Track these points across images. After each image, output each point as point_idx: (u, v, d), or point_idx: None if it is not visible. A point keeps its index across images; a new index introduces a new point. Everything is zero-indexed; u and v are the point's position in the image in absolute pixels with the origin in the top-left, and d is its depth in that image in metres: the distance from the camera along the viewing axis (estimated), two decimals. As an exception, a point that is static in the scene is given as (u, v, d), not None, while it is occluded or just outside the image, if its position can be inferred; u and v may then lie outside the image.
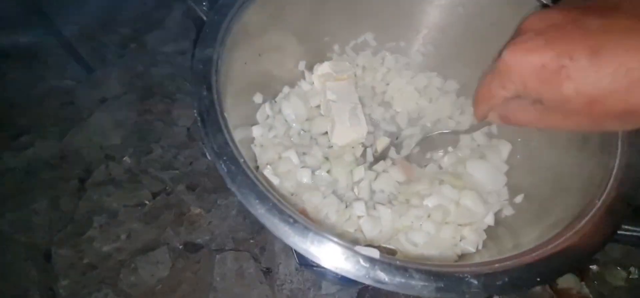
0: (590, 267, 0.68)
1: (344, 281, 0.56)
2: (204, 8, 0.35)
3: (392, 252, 0.36)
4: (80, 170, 0.68)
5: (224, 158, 0.25)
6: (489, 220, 0.36)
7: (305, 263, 0.55)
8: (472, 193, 0.37)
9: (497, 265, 0.23)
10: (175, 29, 0.95)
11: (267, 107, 0.46)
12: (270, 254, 0.63)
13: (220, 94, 0.29)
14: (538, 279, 0.23)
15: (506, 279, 0.22)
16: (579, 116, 0.22)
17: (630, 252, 0.71)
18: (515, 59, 0.23)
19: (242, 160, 0.25)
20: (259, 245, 0.65)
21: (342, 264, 0.23)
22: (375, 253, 0.23)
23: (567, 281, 0.64)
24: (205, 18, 0.35)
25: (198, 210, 0.66)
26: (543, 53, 0.21)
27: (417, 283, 0.22)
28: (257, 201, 0.23)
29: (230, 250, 0.63)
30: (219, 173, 0.25)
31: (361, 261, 0.23)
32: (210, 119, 0.27)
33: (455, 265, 0.24)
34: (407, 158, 0.46)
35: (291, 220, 0.23)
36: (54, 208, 0.63)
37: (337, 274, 0.55)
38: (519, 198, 0.38)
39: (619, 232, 0.25)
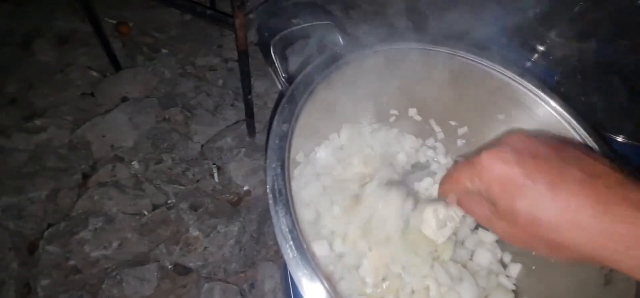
0: None
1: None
2: (283, 79, 0.36)
3: None
4: (87, 166, 0.67)
5: (290, 242, 0.25)
6: None
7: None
8: None
9: None
10: (208, 42, 0.96)
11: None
12: (259, 292, 0.61)
13: (291, 171, 0.29)
14: None
15: None
16: (519, 230, 0.26)
17: None
18: (490, 162, 0.27)
19: (305, 246, 0.25)
20: (249, 280, 0.62)
21: None
22: None
23: None
24: (280, 87, 0.36)
25: (196, 233, 0.64)
26: (514, 168, 0.26)
27: None
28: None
29: (219, 280, 0.61)
30: (283, 256, 0.24)
31: None
32: (282, 199, 0.27)
33: None
34: None
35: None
36: (51, 200, 0.61)
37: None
38: None
39: None
